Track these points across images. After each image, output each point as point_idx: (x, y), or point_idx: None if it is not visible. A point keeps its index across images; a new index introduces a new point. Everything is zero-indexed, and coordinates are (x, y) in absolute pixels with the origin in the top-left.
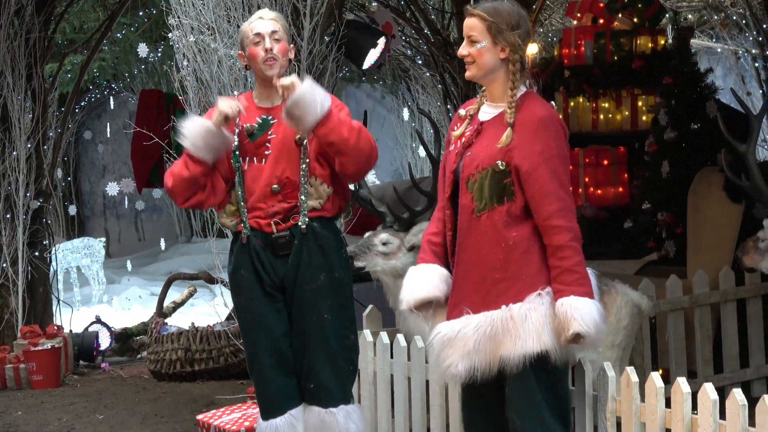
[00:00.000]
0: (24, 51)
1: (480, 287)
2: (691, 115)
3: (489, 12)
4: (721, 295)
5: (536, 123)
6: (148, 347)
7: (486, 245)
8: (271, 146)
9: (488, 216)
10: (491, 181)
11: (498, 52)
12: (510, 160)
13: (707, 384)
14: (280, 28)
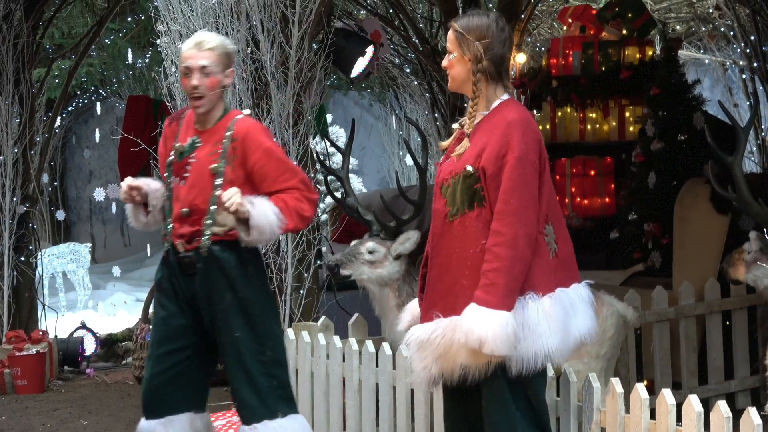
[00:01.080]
0: (12, 56)
1: (450, 292)
2: (679, 126)
3: (460, 24)
4: (706, 306)
5: (504, 126)
6: (133, 353)
7: (457, 251)
8: (190, 170)
9: (460, 221)
10: (462, 186)
11: (466, 63)
12: (478, 164)
13: (692, 396)
14: (213, 60)
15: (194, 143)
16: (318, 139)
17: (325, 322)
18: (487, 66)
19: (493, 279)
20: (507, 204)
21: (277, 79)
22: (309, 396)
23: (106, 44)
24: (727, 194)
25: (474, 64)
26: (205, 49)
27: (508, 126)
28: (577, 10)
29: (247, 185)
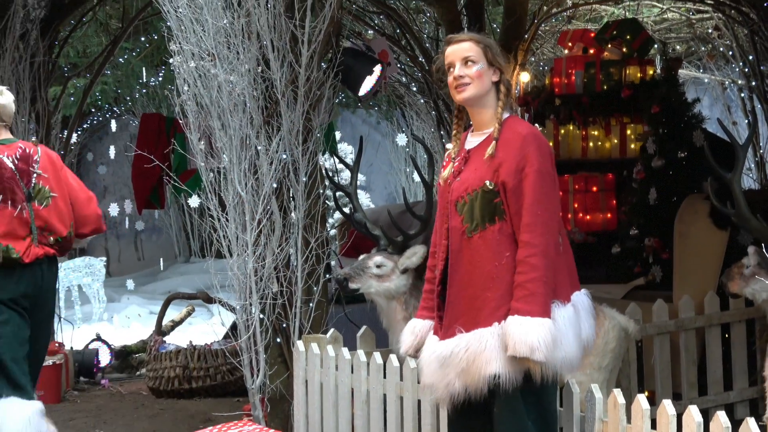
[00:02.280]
0: (28, 74)
1: (472, 306)
2: (679, 144)
3: (480, 37)
4: (706, 319)
5: (520, 140)
6: (147, 364)
7: (478, 265)
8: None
9: (480, 236)
10: (482, 201)
11: (491, 75)
12: (497, 179)
13: (692, 406)
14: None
15: None
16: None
17: (334, 334)
18: (510, 84)
19: (533, 289)
20: (536, 216)
21: (287, 98)
22: (318, 407)
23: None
24: (726, 210)
25: (503, 75)
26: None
27: (523, 140)
28: (576, 34)
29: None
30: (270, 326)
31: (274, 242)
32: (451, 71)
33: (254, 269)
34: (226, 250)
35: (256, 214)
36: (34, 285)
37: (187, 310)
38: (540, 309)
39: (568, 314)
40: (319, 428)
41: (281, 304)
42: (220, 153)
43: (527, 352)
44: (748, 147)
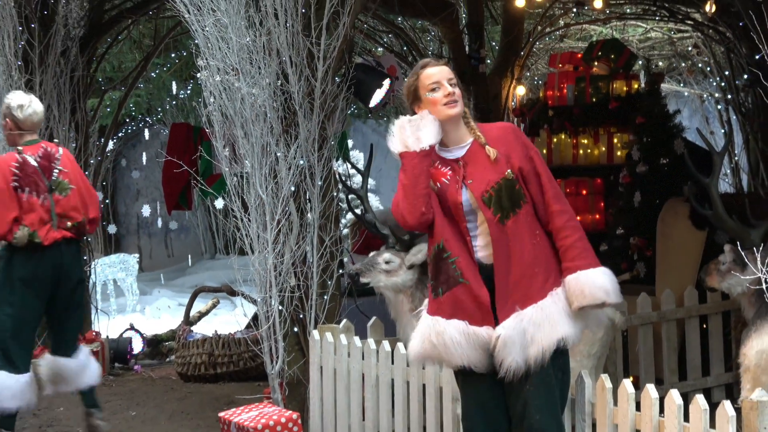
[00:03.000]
0: (69, 87)
1: (520, 284)
2: (661, 151)
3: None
4: (685, 311)
5: (510, 132)
6: (176, 352)
7: (517, 246)
8: None
9: (513, 221)
10: (507, 190)
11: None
12: (512, 167)
13: (673, 390)
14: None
15: None
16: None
17: (347, 324)
18: None
19: (583, 246)
20: (555, 188)
21: (304, 109)
22: (332, 390)
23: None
24: (704, 212)
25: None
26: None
27: (513, 131)
28: (565, 56)
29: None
30: (288, 317)
31: (291, 240)
32: (437, 90)
33: (274, 265)
34: (248, 248)
35: (276, 215)
36: (53, 265)
37: (213, 302)
38: (596, 261)
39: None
40: (332, 410)
41: (298, 297)
42: (243, 159)
43: (604, 296)
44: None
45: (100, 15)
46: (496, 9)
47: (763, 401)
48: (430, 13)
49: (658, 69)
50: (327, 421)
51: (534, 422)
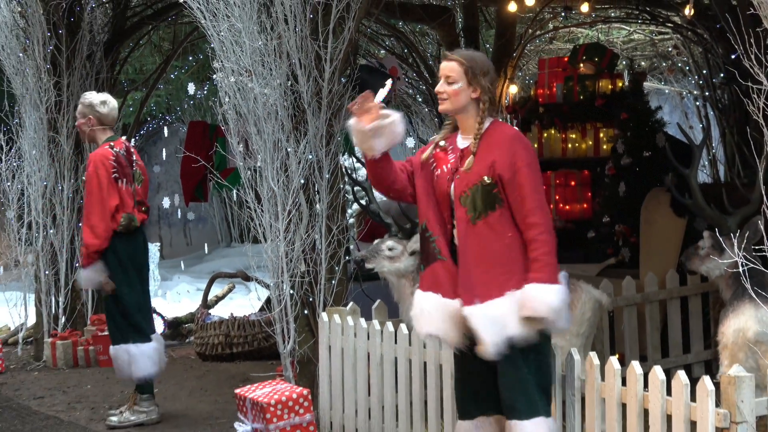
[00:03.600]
0: (94, 88)
1: (482, 281)
2: (644, 145)
3: (466, 58)
4: (667, 293)
5: (508, 140)
6: (195, 333)
7: (485, 245)
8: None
9: (484, 222)
10: (482, 193)
11: (470, 93)
12: (493, 173)
13: (656, 366)
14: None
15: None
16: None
17: (353, 307)
18: (492, 97)
19: (547, 261)
20: (536, 201)
21: (312, 107)
22: (340, 368)
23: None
24: (684, 200)
25: (483, 94)
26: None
27: (511, 140)
28: (552, 62)
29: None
30: (299, 300)
31: (302, 229)
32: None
33: (285, 252)
34: (261, 236)
35: (287, 206)
36: (144, 245)
37: (229, 287)
38: (553, 277)
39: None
40: (340, 386)
41: (308, 282)
42: (256, 154)
43: (545, 312)
44: (703, 147)
45: (123, 21)
46: (490, 14)
47: (740, 376)
48: (428, 18)
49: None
50: (335, 396)
51: (505, 398)
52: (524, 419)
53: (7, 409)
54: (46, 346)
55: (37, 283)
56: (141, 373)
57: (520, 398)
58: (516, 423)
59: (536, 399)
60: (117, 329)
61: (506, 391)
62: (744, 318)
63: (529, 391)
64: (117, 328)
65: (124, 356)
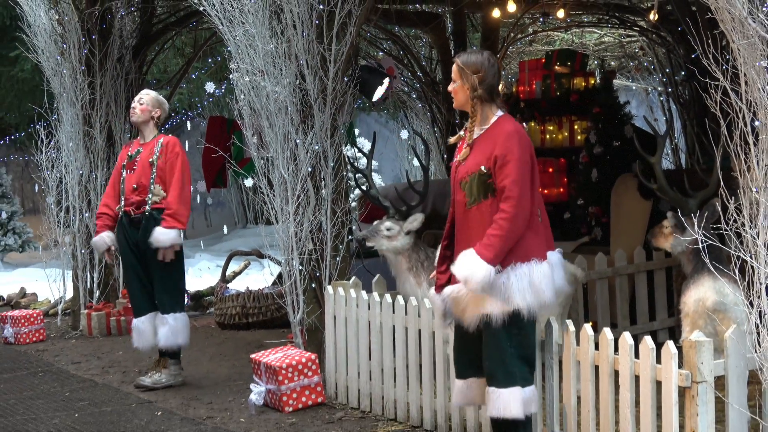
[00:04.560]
0: (124, 87)
1: None
2: (614, 135)
3: (461, 60)
4: (635, 267)
5: (504, 135)
6: (215, 305)
7: (475, 230)
8: (137, 164)
9: (477, 208)
10: (478, 182)
11: (466, 90)
12: (490, 164)
13: (625, 333)
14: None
15: (138, 151)
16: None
17: (356, 281)
18: (482, 93)
19: (492, 241)
20: (512, 191)
21: (318, 103)
22: (344, 334)
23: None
24: (650, 185)
25: (471, 91)
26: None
27: (508, 136)
28: (531, 63)
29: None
30: (307, 275)
31: (309, 212)
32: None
33: (294, 232)
34: (273, 218)
35: (296, 191)
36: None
37: (245, 264)
38: (490, 256)
39: (544, 270)
40: (344, 352)
41: (315, 259)
42: (269, 145)
43: (461, 278)
44: (666, 137)
45: (149, 27)
46: (476, 19)
47: (700, 341)
48: (421, 23)
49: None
50: (340, 360)
51: (486, 367)
52: (501, 387)
53: (48, 373)
54: (83, 317)
55: (74, 260)
56: (183, 340)
57: (499, 369)
58: (494, 390)
59: (514, 370)
60: (172, 298)
61: (487, 361)
62: (703, 289)
63: (507, 363)
64: (172, 297)
65: (174, 323)
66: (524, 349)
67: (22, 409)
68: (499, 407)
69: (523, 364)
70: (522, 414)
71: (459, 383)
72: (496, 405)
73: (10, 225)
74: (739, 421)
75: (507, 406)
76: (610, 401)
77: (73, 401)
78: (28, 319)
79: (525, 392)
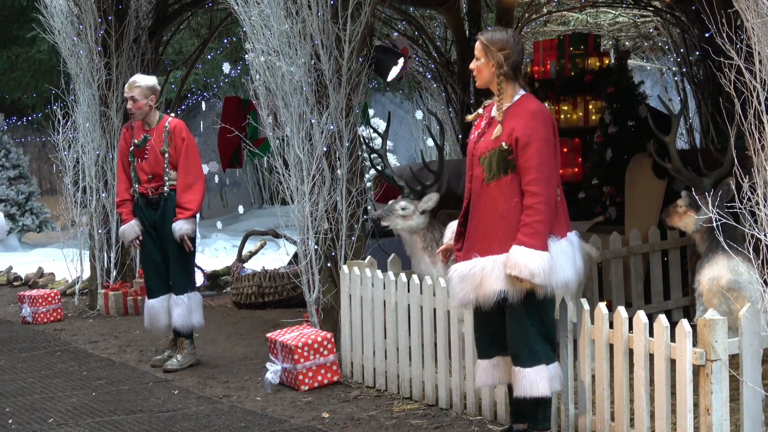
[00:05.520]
0: (140, 67)
1: (486, 238)
2: (628, 115)
3: (486, 37)
4: (650, 246)
5: (528, 114)
6: (231, 284)
7: (493, 206)
8: (148, 153)
9: (496, 184)
10: (499, 157)
11: (491, 67)
12: (511, 141)
13: (640, 311)
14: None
15: (146, 138)
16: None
17: (371, 260)
18: (507, 70)
19: (537, 228)
20: (541, 173)
21: (333, 83)
22: (359, 314)
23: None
24: (664, 164)
25: (497, 69)
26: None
27: (532, 115)
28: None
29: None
30: (322, 255)
31: (324, 192)
32: None
33: (310, 212)
34: (289, 198)
35: (311, 171)
36: None
37: (261, 244)
38: (541, 244)
39: (562, 247)
40: (359, 331)
41: (330, 238)
42: (284, 125)
43: (528, 275)
44: (681, 117)
45: (165, 8)
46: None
47: (714, 320)
48: (436, 3)
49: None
50: (355, 339)
51: (510, 347)
52: (527, 367)
53: (66, 352)
54: (100, 296)
55: (91, 240)
56: (198, 320)
57: (524, 348)
58: (519, 369)
59: (538, 349)
60: (186, 278)
61: (511, 341)
62: (718, 268)
63: (530, 341)
64: (185, 277)
65: (191, 303)
66: (545, 327)
67: (40, 388)
68: (525, 386)
69: (545, 342)
70: (549, 391)
71: (483, 363)
72: (522, 384)
73: (27, 205)
74: (754, 399)
75: (534, 384)
76: (625, 380)
77: (91, 380)
78: (45, 298)
79: (550, 369)
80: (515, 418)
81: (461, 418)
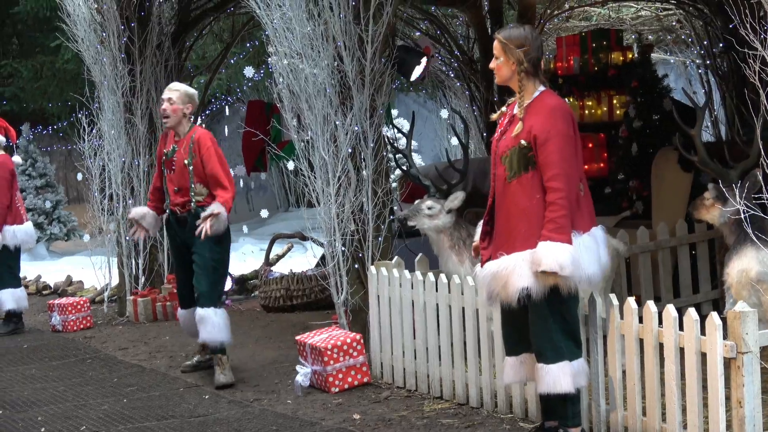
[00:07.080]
0: (163, 74)
1: (510, 236)
2: (653, 109)
3: (503, 35)
4: (677, 240)
5: (547, 110)
6: (259, 288)
7: (515, 204)
8: (175, 165)
9: (517, 182)
10: (519, 155)
11: (511, 65)
12: (530, 138)
13: (669, 305)
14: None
15: (174, 149)
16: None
17: (398, 260)
18: (527, 66)
19: (562, 223)
20: (562, 169)
21: (357, 84)
22: (388, 314)
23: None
24: (690, 157)
25: (518, 66)
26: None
27: (551, 111)
28: (569, 39)
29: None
30: (349, 256)
31: (350, 193)
32: None
33: (336, 214)
34: (315, 201)
35: (337, 173)
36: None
37: (288, 247)
38: (567, 238)
39: (586, 242)
40: (388, 331)
41: (357, 239)
42: (308, 127)
43: (557, 268)
44: (706, 109)
45: (187, 14)
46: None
47: (744, 312)
48: (458, 2)
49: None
50: (384, 340)
51: (534, 344)
52: (550, 363)
53: (96, 359)
54: (129, 303)
55: (119, 247)
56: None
57: (547, 345)
58: (542, 366)
59: (561, 345)
60: (217, 293)
61: (535, 338)
62: (746, 260)
63: (554, 338)
64: (218, 292)
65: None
66: (568, 323)
67: (72, 396)
68: (549, 383)
69: (569, 338)
70: (572, 387)
71: (510, 360)
72: (545, 381)
73: (55, 214)
74: None
75: (557, 381)
76: (656, 374)
77: (122, 387)
78: (75, 306)
79: (574, 366)
80: (546, 415)
81: (492, 417)
